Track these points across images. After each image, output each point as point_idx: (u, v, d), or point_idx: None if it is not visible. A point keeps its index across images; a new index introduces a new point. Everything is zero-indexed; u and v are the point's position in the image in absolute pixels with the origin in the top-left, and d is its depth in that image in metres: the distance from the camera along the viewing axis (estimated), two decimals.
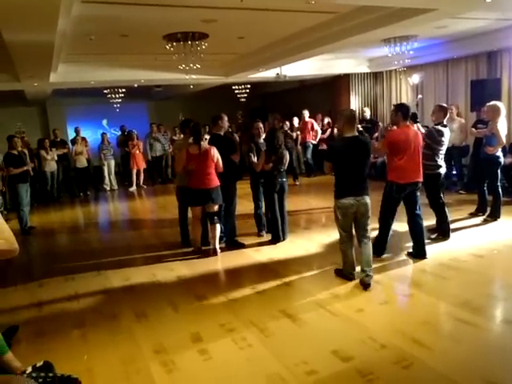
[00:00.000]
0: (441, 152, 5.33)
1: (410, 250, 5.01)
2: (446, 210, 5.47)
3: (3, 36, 4.91)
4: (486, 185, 6.31)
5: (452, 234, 5.54)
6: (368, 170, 4.35)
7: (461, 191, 8.20)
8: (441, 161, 5.35)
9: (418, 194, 4.92)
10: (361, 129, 4.74)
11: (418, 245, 4.93)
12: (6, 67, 7.84)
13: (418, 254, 4.91)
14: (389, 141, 4.84)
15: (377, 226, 5.01)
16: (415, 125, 5.47)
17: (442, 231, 5.52)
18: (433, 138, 5.29)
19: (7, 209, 7.91)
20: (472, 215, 6.46)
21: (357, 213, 4.23)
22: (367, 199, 4.24)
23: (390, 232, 4.99)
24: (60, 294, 4.62)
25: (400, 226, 5.51)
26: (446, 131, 5.35)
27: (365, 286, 4.21)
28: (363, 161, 4.21)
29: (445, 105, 5.78)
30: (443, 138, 5.29)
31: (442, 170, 5.41)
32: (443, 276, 4.42)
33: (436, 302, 3.87)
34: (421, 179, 4.85)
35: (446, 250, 5.13)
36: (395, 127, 5.04)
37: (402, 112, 4.76)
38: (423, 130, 5.70)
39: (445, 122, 5.40)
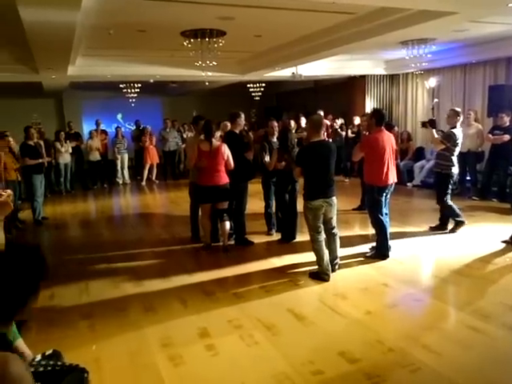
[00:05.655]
0: (456, 153, 5.76)
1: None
2: (454, 206, 5.84)
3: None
4: None
5: (465, 241, 5.59)
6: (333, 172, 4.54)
7: (474, 197, 8.11)
8: (456, 161, 5.79)
9: (389, 196, 5.14)
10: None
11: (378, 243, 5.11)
12: (25, 59, 7.95)
13: (379, 253, 5.04)
14: (364, 145, 5.10)
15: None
16: (433, 130, 5.85)
17: (455, 222, 5.90)
18: (452, 141, 5.69)
19: (21, 198, 8.01)
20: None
21: (325, 213, 4.43)
22: (335, 200, 4.48)
23: (388, 231, 5.08)
24: (70, 284, 4.66)
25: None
26: (460, 133, 5.79)
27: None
28: (330, 163, 4.42)
29: (458, 109, 6.01)
30: (458, 141, 5.73)
31: (456, 170, 5.84)
32: (454, 282, 4.38)
33: (446, 307, 3.84)
34: (394, 181, 5.06)
35: (458, 256, 5.08)
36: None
37: (375, 118, 5.01)
38: (436, 135, 5.90)
39: (458, 125, 5.79)
